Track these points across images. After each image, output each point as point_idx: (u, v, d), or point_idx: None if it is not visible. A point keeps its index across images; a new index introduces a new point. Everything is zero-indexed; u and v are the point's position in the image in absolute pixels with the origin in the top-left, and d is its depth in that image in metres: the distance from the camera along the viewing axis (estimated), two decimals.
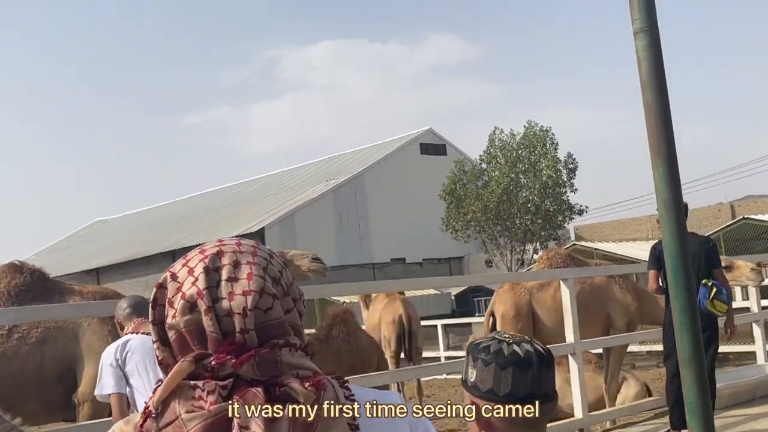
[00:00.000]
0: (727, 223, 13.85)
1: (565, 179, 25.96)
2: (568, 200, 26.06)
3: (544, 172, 25.35)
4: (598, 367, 9.97)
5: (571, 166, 26.20)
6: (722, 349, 13.32)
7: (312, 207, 35.40)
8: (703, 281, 6.29)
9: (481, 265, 33.01)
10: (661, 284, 6.59)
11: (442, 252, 37.05)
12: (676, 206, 3.17)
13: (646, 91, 3.21)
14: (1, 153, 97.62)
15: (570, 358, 7.23)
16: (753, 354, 10.10)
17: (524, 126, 26.66)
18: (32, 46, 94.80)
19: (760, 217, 13.16)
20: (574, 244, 17.05)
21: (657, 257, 6.63)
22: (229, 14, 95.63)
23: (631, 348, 13.88)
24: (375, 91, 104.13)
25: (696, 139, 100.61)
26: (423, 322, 11.78)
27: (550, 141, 25.92)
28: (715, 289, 6.26)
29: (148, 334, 3.50)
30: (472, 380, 1.77)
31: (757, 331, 9.37)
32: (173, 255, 37.10)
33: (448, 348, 16.59)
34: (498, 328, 8.20)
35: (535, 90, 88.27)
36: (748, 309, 9.65)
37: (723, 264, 7.97)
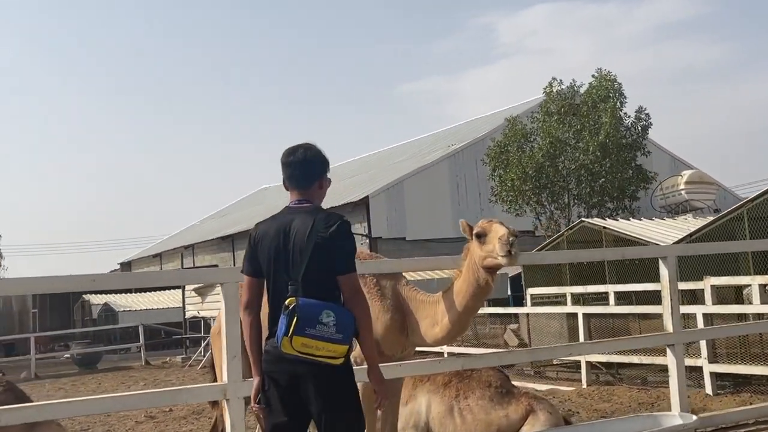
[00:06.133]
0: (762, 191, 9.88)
1: (637, 138, 21.33)
2: (637, 165, 21.47)
3: (603, 130, 20.79)
4: (499, 393, 7.26)
5: (642, 123, 21.63)
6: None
7: (423, 175, 33.11)
8: (287, 301, 3.56)
9: None
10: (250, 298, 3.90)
11: None
12: None
13: None
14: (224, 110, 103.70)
15: (224, 405, 4.76)
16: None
17: (593, 75, 22.36)
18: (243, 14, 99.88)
19: None
20: (582, 221, 13.59)
21: (253, 252, 3.89)
22: None
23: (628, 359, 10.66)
24: (592, 53, 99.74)
25: None
26: None
27: (616, 93, 21.46)
28: (296, 317, 3.51)
29: None
30: None
31: (673, 362, 6.18)
32: None
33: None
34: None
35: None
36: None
37: (476, 229, 5.02)
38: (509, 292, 21.62)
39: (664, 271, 6.24)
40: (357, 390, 3.79)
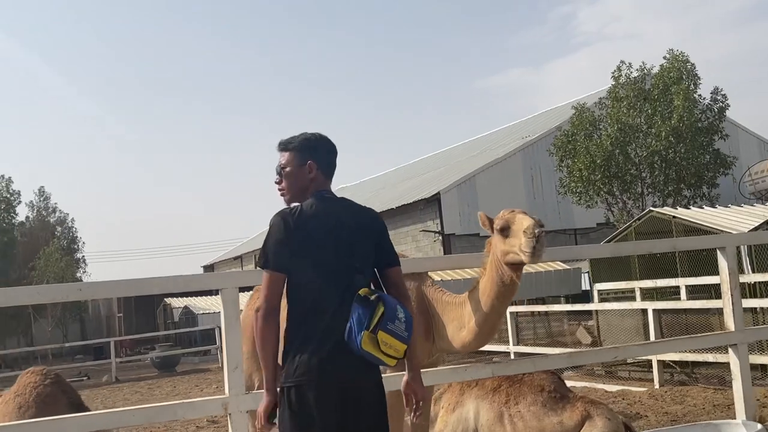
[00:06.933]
0: None
1: (713, 121, 19.86)
2: (715, 150, 20.01)
3: (676, 114, 19.29)
4: (552, 398, 6.77)
5: (719, 105, 20.18)
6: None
7: (496, 168, 32.38)
8: (361, 291, 3.12)
9: None
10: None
11: None
12: None
13: None
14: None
15: (229, 420, 4.47)
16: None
17: (664, 57, 21.00)
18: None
19: None
20: (651, 211, 12.66)
21: (289, 240, 3.22)
22: None
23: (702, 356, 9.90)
24: (678, 37, 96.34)
25: None
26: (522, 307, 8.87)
27: (689, 75, 20.14)
28: (382, 309, 3.07)
29: None
30: None
31: (736, 364, 5.56)
32: None
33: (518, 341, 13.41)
34: None
35: None
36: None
37: (497, 223, 4.59)
38: (584, 287, 20.76)
39: (723, 264, 5.63)
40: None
